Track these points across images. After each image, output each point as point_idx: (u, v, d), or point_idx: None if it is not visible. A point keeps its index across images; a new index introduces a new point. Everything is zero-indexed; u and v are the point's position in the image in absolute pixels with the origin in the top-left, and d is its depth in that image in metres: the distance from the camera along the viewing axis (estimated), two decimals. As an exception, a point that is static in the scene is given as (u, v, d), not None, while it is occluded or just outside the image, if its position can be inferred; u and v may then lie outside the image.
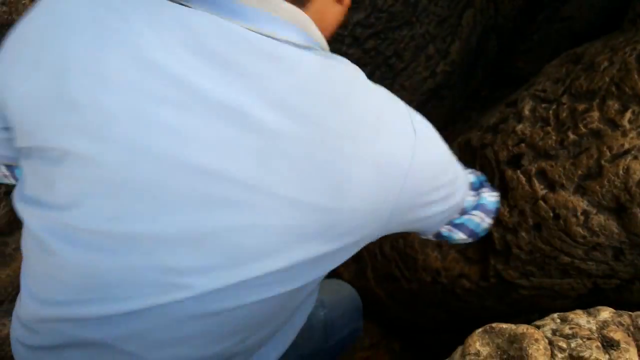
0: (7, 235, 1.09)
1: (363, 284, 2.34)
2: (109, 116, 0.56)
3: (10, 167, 0.81)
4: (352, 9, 1.83)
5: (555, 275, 1.50)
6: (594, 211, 1.29)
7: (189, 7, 0.57)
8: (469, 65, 2.36)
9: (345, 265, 2.14)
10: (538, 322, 0.67)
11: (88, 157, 0.57)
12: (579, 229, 1.31)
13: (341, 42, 1.90)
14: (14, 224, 1.08)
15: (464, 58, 2.26)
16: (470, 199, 0.88)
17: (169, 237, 0.58)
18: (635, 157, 1.17)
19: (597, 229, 1.29)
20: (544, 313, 1.66)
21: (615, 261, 1.36)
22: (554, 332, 0.63)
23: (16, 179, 0.82)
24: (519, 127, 1.44)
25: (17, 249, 1.10)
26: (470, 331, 0.81)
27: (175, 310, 0.61)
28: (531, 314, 1.69)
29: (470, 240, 0.94)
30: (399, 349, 2.37)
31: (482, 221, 0.91)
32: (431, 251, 1.80)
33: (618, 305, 1.58)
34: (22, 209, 0.67)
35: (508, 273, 1.56)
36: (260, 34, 0.57)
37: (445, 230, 0.89)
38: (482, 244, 1.65)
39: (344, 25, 1.85)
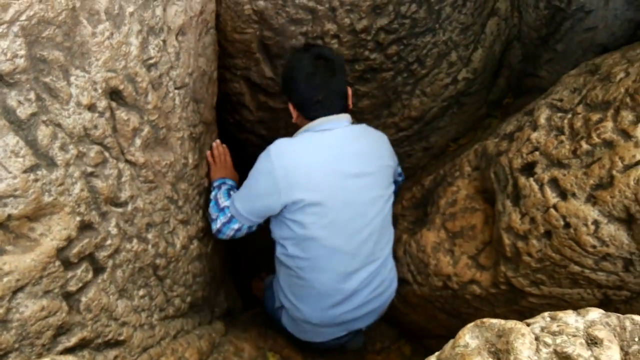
0: (34, 220, 1.14)
1: (377, 286, 2.36)
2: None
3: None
4: (376, 15, 1.86)
5: (565, 285, 1.50)
6: (605, 221, 1.29)
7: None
8: (491, 74, 2.36)
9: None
10: (529, 320, 0.69)
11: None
12: (589, 238, 1.32)
13: (364, 47, 1.94)
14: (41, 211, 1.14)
15: (486, 66, 2.27)
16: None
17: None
18: (647, 168, 1.18)
19: (607, 239, 1.30)
20: (554, 323, 1.66)
21: (626, 272, 1.36)
22: (542, 329, 0.65)
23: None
24: (534, 135, 1.45)
25: (43, 235, 1.16)
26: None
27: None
28: (542, 323, 1.68)
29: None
30: (409, 353, 2.38)
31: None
32: (443, 256, 1.81)
33: (630, 318, 1.57)
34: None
35: (518, 280, 1.56)
36: None
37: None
38: (494, 250, 1.66)
39: (367, 30, 1.88)
